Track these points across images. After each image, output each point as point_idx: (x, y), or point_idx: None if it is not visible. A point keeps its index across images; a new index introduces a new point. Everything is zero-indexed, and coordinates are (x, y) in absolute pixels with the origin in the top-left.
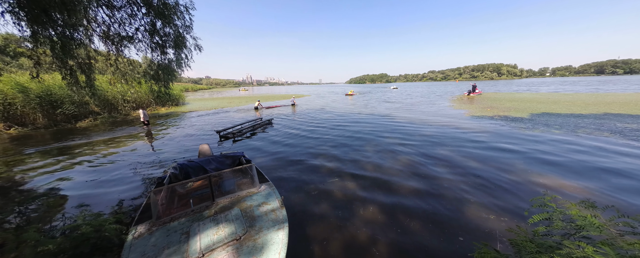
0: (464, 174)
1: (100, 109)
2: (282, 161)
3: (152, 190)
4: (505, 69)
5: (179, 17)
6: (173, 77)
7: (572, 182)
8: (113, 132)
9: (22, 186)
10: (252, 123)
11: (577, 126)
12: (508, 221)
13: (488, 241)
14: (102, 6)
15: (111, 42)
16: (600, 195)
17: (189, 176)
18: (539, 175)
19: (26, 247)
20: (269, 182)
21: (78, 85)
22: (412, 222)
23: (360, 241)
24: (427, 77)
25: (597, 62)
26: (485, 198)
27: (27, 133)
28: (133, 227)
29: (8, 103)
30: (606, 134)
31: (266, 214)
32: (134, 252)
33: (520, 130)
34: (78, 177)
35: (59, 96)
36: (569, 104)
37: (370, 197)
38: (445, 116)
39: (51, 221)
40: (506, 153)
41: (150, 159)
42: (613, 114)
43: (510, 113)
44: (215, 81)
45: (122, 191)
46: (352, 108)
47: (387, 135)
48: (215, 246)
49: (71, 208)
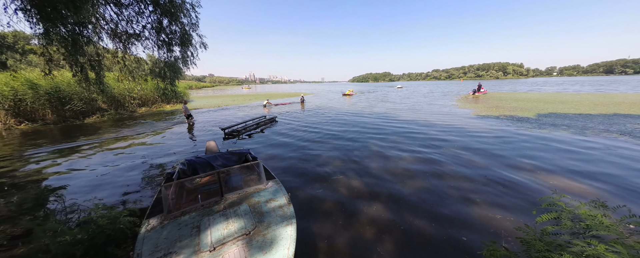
0: (470, 173)
1: (108, 105)
2: (284, 158)
3: (162, 184)
4: (511, 68)
5: (186, 14)
6: (179, 74)
7: (579, 182)
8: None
9: (38, 180)
10: (256, 121)
11: (585, 126)
12: (513, 221)
13: (494, 240)
14: (110, 4)
15: (119, 40)
16: (608, 196)
17: (196, 172)
18: (547, 175)
19: (45, 237)
20: (275, 179)
21: (88, 82)
22: (417, 220)
23: (364, 239)
24: (431, 76)
25: (606, 62)
26: (490, 197)
27: (37, 129)
28: (145, 220)
29: (19, 99)
30: (615, 135)
31: (274, 210)
32: (147, 243)
33: (527, 130)
34: (90, 171)
35: (68, 92)
36: (576, 104)
37: (373, 196)
38: (449, 114)
39: (67, 213)
40: (511, 152)
41: (159, 155)
42: (622, 114)
43: (516, 112)
44: (218, 78)
45: (132, 186)
46: (351, 108)
47: (388, 135)
48: (225, 240)
49: (85, 201)
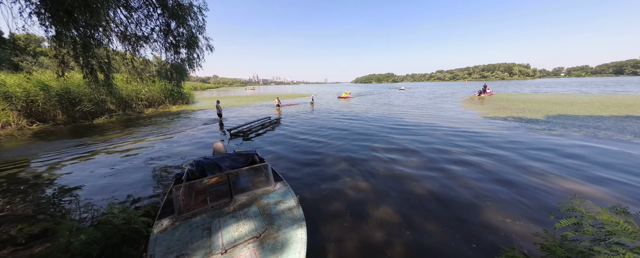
0: (479, 177)
1: (116, 106)
2: (287, 159)
3: (173, 185)
4: (518, 68)
5: (193, 17)
6: (185, 76)
7: (592, 187)
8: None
9: (52, 180)
10: (261, 122)
11: (597, 128)
12: (528, 225)
13: (509, 245)
14: (120, 7)
15: (128, 42)
16: (625, 201)
17: (204, 173)
18: (560, 179)
19: (63, 236)
20: (283, 181)
21: (97, 83)
22: (427, 224)
23: (372, 241)
24: (434, 77)
25: (616, 62)
26: (502, 202)
27: (48, 129)
28: (157, 220)
29: (31, 100)
30: (629, 137)
31: (283, 212)
32: (159, 245)
33: (537, 132)
34: (102, 171)
35: (77, 94)
36: (586, 105)
37: (381, 196)
38: (455, 118)
39: (82, 213)
40: (521, 155)
41: (166, 155)
42: (635, 116)
43: (524, 114)
44: (222, 79)
45: (143, 186)
46: (348, 110)
47: (395, 134)
48: (237, 242)
49: (99, 201)
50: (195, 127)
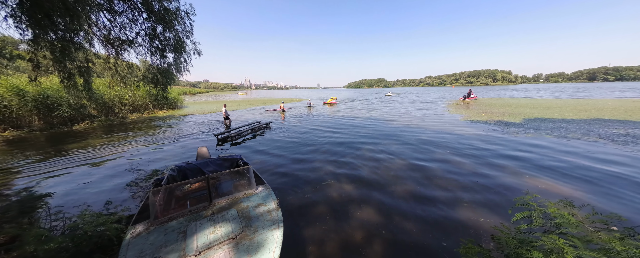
0: (455, 177)
1: (98, 112)
2: (274, 164)
3: (150, 190)
4: (500, 74)
5: (180, 22)
6: (172, 81)
7: (559, 184)
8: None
9: (22, 188)
10: (250, 126)
11: (567, 130)
12: (492, 220)
13: (474, 239)
14: (103, 11)
15: (111, 46)
16: (585, 196)
17: (186, 178)
18: (529, 177)
19: (31, 243)
20: (265, 184)
21: (75, 88)
22: (405, 222)
23: (353, 240)
24: (423, 82)
25: (589, 69)
26: (475, 198)
27: (22, 136)
28: (131, 226)
29: (4, 105)
30: (595, 139)
31: (262, 215)
32: (131, 250)
33: (513, 135)
34: (76, 178)
35: (56, 98)
36: (561, 109)
37: (363, 198)
38: (440, 121)
39: (52, 221)
40: (496, 155)
41: (149, 161)
42: (602, 119)
43: (504, 117)
44: (213, 84)
45: (120, 193)
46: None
47: (379, 139)
48: (211, 244)
49: (71, 208)
50: (181, 132)
